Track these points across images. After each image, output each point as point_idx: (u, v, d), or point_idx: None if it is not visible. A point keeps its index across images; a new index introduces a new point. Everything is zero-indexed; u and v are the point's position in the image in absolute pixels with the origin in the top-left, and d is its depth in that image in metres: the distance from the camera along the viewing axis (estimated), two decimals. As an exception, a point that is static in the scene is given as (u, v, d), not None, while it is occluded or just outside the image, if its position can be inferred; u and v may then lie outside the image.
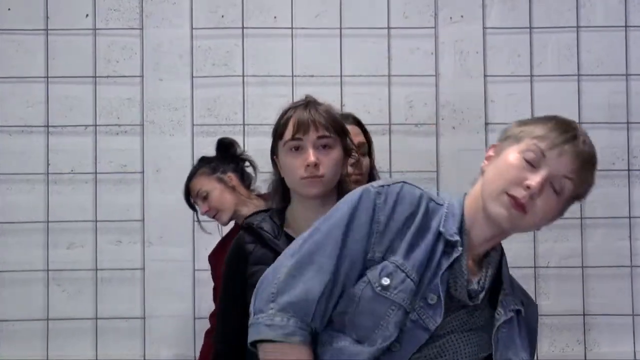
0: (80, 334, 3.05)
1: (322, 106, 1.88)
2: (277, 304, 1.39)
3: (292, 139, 1.82)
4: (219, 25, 3.12)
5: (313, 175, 1.80)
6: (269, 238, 1.84)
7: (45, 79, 3.09)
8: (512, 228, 1.44)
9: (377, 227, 1.41)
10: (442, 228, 1.43)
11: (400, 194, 1.44)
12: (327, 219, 1.46)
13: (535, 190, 1.39)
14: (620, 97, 3.12)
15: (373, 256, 1.42)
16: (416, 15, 3.13)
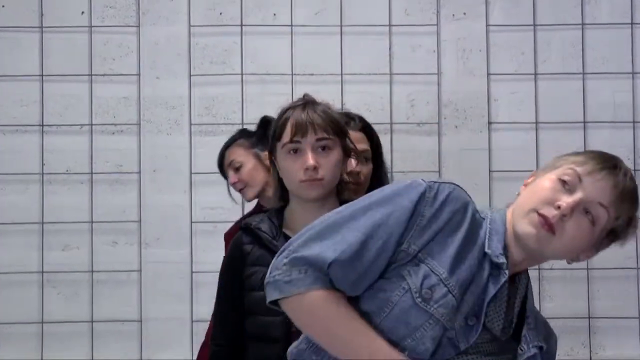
0: (76, 337, 3.03)
1: (320, 106, 1.86)
2: (291, 259, 1.36)
3: (290, 141, 1.81)
4: (217, 23, 3.09)
5: (312, 179, 1.79)
6: (267, 239, 1.83)
7: (40, 77, 3.06)
8: (539, 250, 1.41)
9: (420, 220, 1.37)
10: (487, 249, 1.39)
11: (451, 196, 1.40)
12: (367, 197, 1.42)
13: (565, 211, 1.37)
14: (626, 96, 3.09)
15: (407, 248, 1.37)
16: (418, 13, 3.11)
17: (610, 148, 2.98)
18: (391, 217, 1.37)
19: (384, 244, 1.36)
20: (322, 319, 1.36)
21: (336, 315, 1.35)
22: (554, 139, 3.08)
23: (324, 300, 1.35)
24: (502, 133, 3.09)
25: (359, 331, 1.34)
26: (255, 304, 1.81)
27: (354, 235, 1.36)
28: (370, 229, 1.36)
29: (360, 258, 1.36)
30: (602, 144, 3.07)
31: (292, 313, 1.39)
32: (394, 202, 1.38)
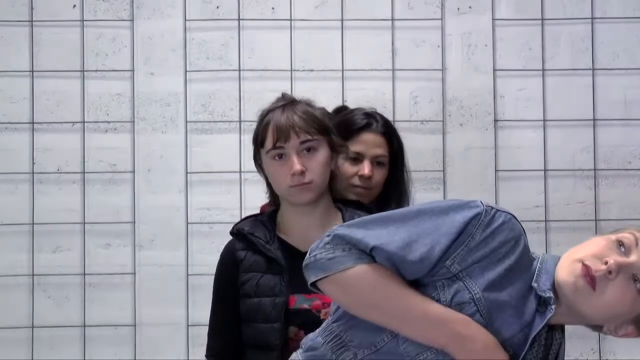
0: (68, 342, 3.00)
1: (300, 105, 1.84)
2: (334, 237, 1.37)
3: (273, 147, 1.80)
4: (214, 17, 3.07)
5: (301, 183, 1.78)
6: (261, 244, 1.81)
7: (30, 73, 3.04)
8: (576, 303, 1.36)
9: (469, 241, 1.36)
10: (534, 282, 1.38)
11: (504, 225, 1.38)
12: (421, 204, 1.43)
13: (612, 268, 1.33)
14: (637, 93, 3.06)
15: (450, 266, 1.36)
16: (422, 7, 3.08)
17: (620, 147, 3.03)
18: (440, 229, 1.35)
19: (428, 251, 1.34)
20: (375, 288, 1.34)
21: (391, 283, 1.34)
22: (562, 137, 3.06)
23: (374, 271, 1.34)
24: (508, 131, 3.06)
25: (416, 296, 1.33)
26: (252, 311, 1.79)
27: (400, 233, 1.36)
28: (417, 233, 1.35)
29: (401, 256, 1.35)
30: (612, 143, 3.04)
31: (337, 289, 1.36)
32: (447, 215, 1.37)
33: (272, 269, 1.78)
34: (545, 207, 3.02)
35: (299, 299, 1.76)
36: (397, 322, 1.34)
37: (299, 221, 1.82)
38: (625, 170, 3.03)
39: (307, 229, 1.82)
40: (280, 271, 1.76)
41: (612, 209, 3.03)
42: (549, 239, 3.00)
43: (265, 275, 1.78)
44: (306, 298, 1.75)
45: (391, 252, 1.34)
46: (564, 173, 3.04)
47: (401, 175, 2.35)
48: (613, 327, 1.39)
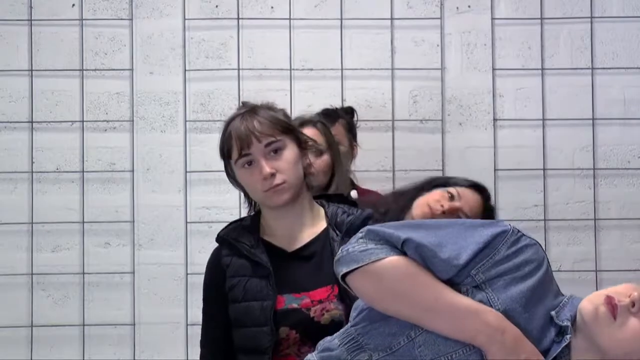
0: (67, 342, 2.99)
1: (260, 110, 1.84)
2: (367, 232, 1.40)
3: (240, 156, 1.80)
4: (213, 16, 3.07)
5: (274, 186, 1.77)
6: (245, 249, 1.82)
7: (29, 72, 3.04)
8: (594, 332, 1.33)
9: (494, 254, 1.37)
10: (554, 312, 1.37)
11: (529, 247, 1.39)
12: (454, 220, 1.50)
13: (636, 299, 1.31)
14: (636, 92, 3.06)
15: (475, 275, 1.36)
16: (421, 6, 3.08)
17: (620, 146, 3.03)
18: (468, 238, 1.37)
19: (456, 254, 1.36)
20: (406, 276, 1.34)
21: (422, 273, 1.34)
22: (561, 137, 3.06)
23: (406, 261, 1.35)
24: (507, 130, 3.06)
25: (445, 287, 1.34)
26: (241, 315, 1.80)
27: (430, 236, 1.37)
28: (446, 239, 1.37)
29: (432, 250, 1.36)
30: (611, 142, 3.04)
31: (369, 279, 1.36)
32: (476, 229, 1.39)
33: (257, 272, 1.78)
34: (544, 207, 3.02)
35: (287, 299, 1.76)
36: (426, 314, 1.34)
37: (281, 223, 1.83)
38: (624, 169, 3.03)
39: (290, 229, 1.83)
40: (266, 274, 1.77)
41: (611, 208, 3.03)
42: (548, 238, 3.00)
43: (252, 279, 1.78)
44: (295, 297, 1.76)
45: (423, 244, 1.35)
46: (563, 172, 3.04)
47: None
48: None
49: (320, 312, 1.74)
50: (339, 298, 1.74)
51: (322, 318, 1.74)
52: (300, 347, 1.74)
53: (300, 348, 1.74)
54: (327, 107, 2.78)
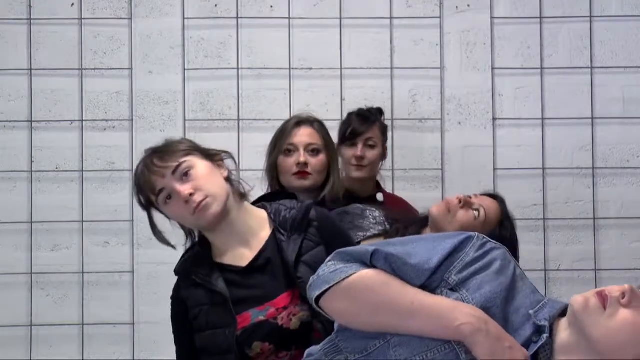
0: (66, 341, 2.99)
1: (157, 148, 1.84)
2: (335, 254, 1.42)
3: (157, 195, 1.79)
4: (213, 15, 3.07)
5: (198, 204, 1.75)
6: (201, 279, 1.81)
7: (28, 71, 3.03)
8: (583, 326, 1.32)
9: (464, 256, 1.39)
10: (531, 310, 1.37)
11: (496, 249, 1.42)
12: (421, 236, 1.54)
13: (626, 290, 1.30)
14: (635, 91, 3.06)
15: (448, 278, 1.38)
16: (420, 5, 3.08)
17: (619, 145, 3.03)
18: (437, 247, 1.39)
19: (426, 260, 1.38)
20: (380, 286, 1.36)
21: (394, 281, 1.36)
22: (560, 136, 3.06)
23: (377, 273, 1.36)
24: (507, 129, 3.06)
25: (419, 290, 1.35)
26: (207, 343, 1.80)
27: (399, 247, 1.40)
28: (415, 250, 1.40)
29: (401, 258, 1.38)
30: (610, 142, 3.04)
31: (342, 298, 1.37)
32: (444, 239, 1.42)
33: (215, 300, 1.78)
34: (543, 206, 3.02)
35: (253, 313, 1.75)
36: (405, 319, 1.34)
37: (226, 240, 1.81)
38: (623, 168, 3.03)
39: (236, 243, 1.81)
40: (223, 301, 1.77)
41: (610, 207, 3.03)
42: (547, 238, 3.00)
43: (211, 307, 1.78)
44: (259, 310, 1.75)
45: (392, 254, 1.37)
46: (563, 171, 3.04)
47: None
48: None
49: (288, 318, 1.74)
50: (301, 299, 1.73)
51: (291, 323, 1.73)
52: (278, 354, 1.74)
53: (278, 354, 1.74)
54: (362, 108, 2.75)
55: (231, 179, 1.85)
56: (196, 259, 1.85)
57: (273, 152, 2.53)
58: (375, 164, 2.67)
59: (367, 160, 2.63)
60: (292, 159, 2.47)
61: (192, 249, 1.89)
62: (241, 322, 1.74)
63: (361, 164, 2.62)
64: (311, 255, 1.77)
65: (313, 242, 1.80)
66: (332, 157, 2.53)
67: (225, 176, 1.83)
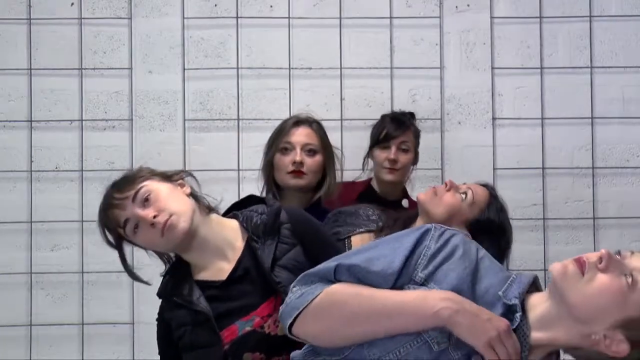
0: (66, 340, 2.99)
1: (113, 183, 1.83)
2: (299, 279, 1.43)
3: (122, 226, 1.78)
4: (212, 15, 3.06)
5: (164, 225, 1.74)
6: (183, 300, 1.79)
7: (28, 71, 3.03)
8: (562, 289, 1.33)
9: (425, 250, 1.41)
10: (500, 292, 1.37)
11: (455, 236, 1.44)
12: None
13: (603, 255, 1.32)
14: (635, 91, 3.06)
15: (415, 276, 1.39)
16: (420, 5, 3.08)
17: (618, 145, 3.02)
18: (397, 249, 1.41)
19: (388, 264, 1.39)
20: (349, 297, 1.37)
21: (361, 289, 1.37)
22: (560, 136, 3.06)
23: (342, 286, 1.38)
24: (506, 129, 3.06)
25: (387, 290, 1.36)
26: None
27: (360, 255, 1.41)
28: (377, 255, 1.41)
29: (364, 267, 1.38)
30: (610, 141, 3.03)
31: (314, 320, 1.37)
32: (402, 238, 1.44)
33: (198, 319, 1.77)
34: (543, 205, 3.01)
35: (239, 325, 1.74)
36: (381, 322, 1.34)
37: (201, 257, 1.80)
38: (623, 168, 3.03)
39: (212, 256, 1.80)
40: (206, 319, 1.76)
41: (610, 207, 3.02)
42: (547, 237, 3.00)
43: (195, 327, 1.77)
44: (245, 321, 1.74)
45: (354, 264, 1.38)
46: (562, 171, 3.03)
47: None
48: (602, 335, 1.33)
49: (274, 325, 1.73)
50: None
51: (278, 330, 1.72)
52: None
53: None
54: (397, 112, 2.75)
55: (195, 195, 1.84)
56: (176, 279, 1.84)
57: (270, 149, 2.53)
58: (407, 168, 2.68)
59: (400, 163, 2.63)
60: (289, 158, 2.47)
61: (172, 270, 1.88)
62: (229, 335, 1.73)
63: (394, 167, 2.63)
64: (288, 257, 1.77)
65: (287, 244, 1.79)
66: (329, 159, 2.53)
67: (187, 193, 1.82)
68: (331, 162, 2.53)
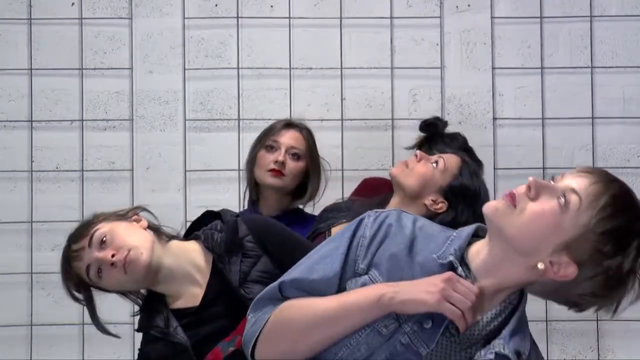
0: (66, 340, 2.98)
1: (69, 238, 1.86)
2: (250, 308, 1.45)
3: (87, 274, 1.80)
4: (213, 15, 3.06)
5: (123, 262, 1.76)
6: (159, 332, 1.81)
7: (28, 71, 3.03)
8: (499, 227, 1.33)
9: (362, 240, 1.41)
10: (434, 254, 1.37)
11: (390, 215, 1.44)
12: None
13: (531, 183, 1.32)
14: (635, 91, 3.05)
15: (357, 268, 1.40)
16: (420, 4, 3.07)
17: (619, 145, 3.02)
18: (337, 248, 1.42)
19: (330, 266, 1.40)
20: (297, 313, 1.38)
21: (305, 302, 1.39)
22: (561, 136, 3.05)
23: (289, 304, 1.39)
24: (507, 129, 3.05)
25: (328, 297, 1.37)
26: None
27: (302, 265, 1.43)
28: (318, 259, 1.42)
29: (305, 278, 1.40)
30: (611, 141, 3.03)
31: (272, 344, 1.39)
32: (339, 237, 1.44)
33: (177, 351, 1.77)
34: (544, 205, 3.01)
35: (222, 346, 1.74)
36: (331, 327, 1.35)
37: (172, 286, 1.81)
38: (623, 168, 3.02)
39: (183, 284, 1.81)
40: (185, 349, 1.76)
41: (610, 207, 3.02)
42: (547, 237, 3.00)
43: (175, 359, 1.78)
44: (227, 342, 1.74)
45: (295, 278, 1.40)
46: (563, 171, 3.00)
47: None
48: (548, 262, 1.31)
49: None
50: None
51: None
52: None
53: None
54: (452, 132, 2.68)
55: (152, 227, 1.85)
56: (151, 312, 1.84)
57: (257, 146, 2.57)
58: None
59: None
60: (272, 156, 2.50)
61: (146, 304, 1.88)
62: (214, 358, 1.73)
63: None
64: (256, 270, 1.76)
65: (252, 257, 1.78)
66: (313, 167, 2.55)
67: (145, 227, 1.83)
68: (316, 171, 2.55)
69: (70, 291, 1.85)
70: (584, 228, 1.29)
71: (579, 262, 1.30)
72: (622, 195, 1.33)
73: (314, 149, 2.57)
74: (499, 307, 1.36)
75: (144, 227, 1.84)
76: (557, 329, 2.97)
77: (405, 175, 2.18)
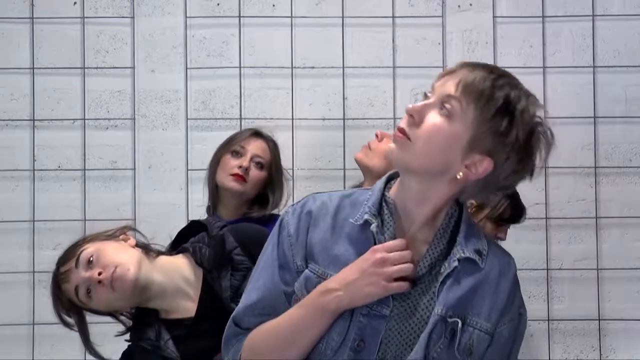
0: (68, 339, 2.82)
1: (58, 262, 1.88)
2: (224, 351, 1.46)
3: (76, 296, 1.83)
4: (215, 14, 3.06)
5: (110, 280, 1.76)
6: (150, 344, 1.80)
7: (30, 70, 3.02)
8: (405, 164, 1.36)
9: (289, 239, 1.42)
10: (353, 219, 1.38)
11: (307, 203, 1.44)
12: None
13: (409, 110, 1.35)
14: (638, 90, 3.04)
15: (296, 268, 1.41)
16: (422, 4, 3.07)
17: (621, 144, 3.02)
18: (269, 264, 1.42)
19: (270, 279, 1.41)
20: (255, 348, 1.40)
21: (257, 333, 1.41)
22: (563, 135, 2.92)
23: (249, 337, 1.41)
24: (508, 129, 3.02)
25: (277, 319, 1.39)
26: None
27: (246, 295, 1.44)
28: (256, 277, 1.44)
29: (249, 305, 1.42)
30: (613, 140, 3.02)
31: None
32: (266, 247, 1.45)
33: None
34: (545, 205, 3.01)
35: (216, 357, 1.72)
36: (293, 345, 1.37)
37: (164, 302, 1.81)
38: (625, 167, 3.02)
39: (175, 299, 1.80)
40: None
41: (612, 206, 3.01)
42: (549, 237, 2.99)
43: None
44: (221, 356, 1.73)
45: (244, 306, 1.42)
46: (565, 170, 3.02)
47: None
48: (464, 169, 1.33)
49: None
50: None
51: None
52: None
53: None
54: None
55: (140, 245, 1.85)
56: (143, 326, 1.83)
57: (222, 150, 2.60)
58: None
59: None
60: (237, 161, 2.54)
61: (137, 317, 1.88)
62: None
63: None
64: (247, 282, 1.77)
65: (242, 270, 1.78)
66: (274, 179, 2.57)
67: (133, 245, 1.83)
68: (279, 183, 2.57)
69: (61, 316, 1.85)
70: (475, 122, 1.32)
71: (490, 153, 1.34)
72: (487, 76, 1.36)
73: (278, 162, 2.62)
74: (444, 225, 1.39)
75: (132, 245, 1.84)
76: (559, 328, 2.96)
77: (370, 157, 2.20)
